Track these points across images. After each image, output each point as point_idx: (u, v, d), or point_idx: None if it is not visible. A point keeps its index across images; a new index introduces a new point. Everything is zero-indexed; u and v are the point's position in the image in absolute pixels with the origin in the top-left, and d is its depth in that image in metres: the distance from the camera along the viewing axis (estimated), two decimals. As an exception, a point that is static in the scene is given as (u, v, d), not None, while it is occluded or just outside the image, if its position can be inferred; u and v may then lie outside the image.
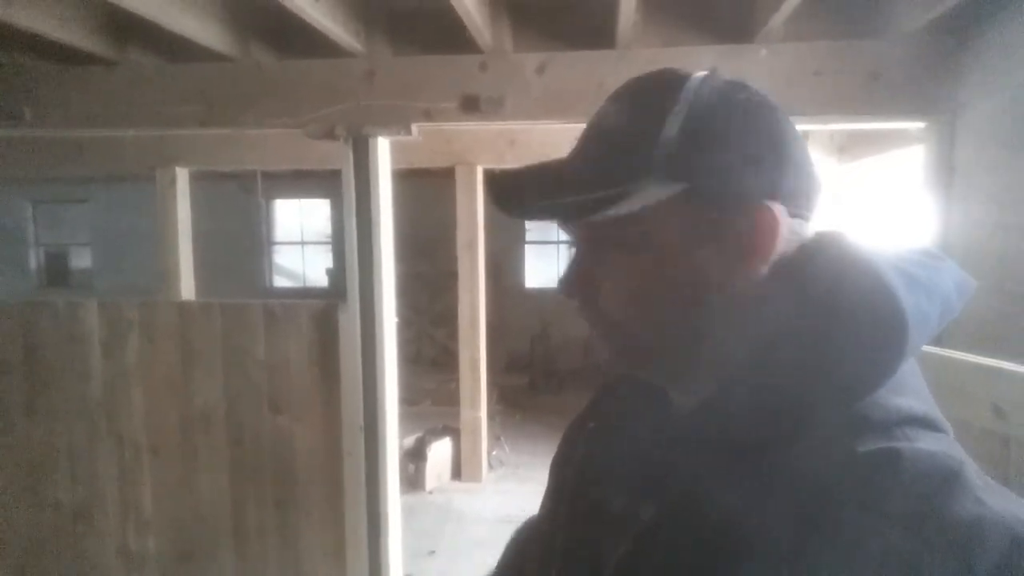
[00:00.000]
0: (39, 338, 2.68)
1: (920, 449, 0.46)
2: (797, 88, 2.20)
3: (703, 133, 0.52)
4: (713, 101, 0.54)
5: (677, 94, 0.53)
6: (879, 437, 0.47)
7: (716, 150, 0.53)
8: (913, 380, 0.52)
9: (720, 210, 0.53)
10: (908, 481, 0.44)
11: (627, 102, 0.56)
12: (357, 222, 2.44)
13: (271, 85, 2.39)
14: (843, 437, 0.47)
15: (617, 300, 0.56)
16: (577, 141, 0.59)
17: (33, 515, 2.74)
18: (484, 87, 2.30)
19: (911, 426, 0.49)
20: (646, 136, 0.52)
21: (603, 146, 0.56)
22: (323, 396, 2.56)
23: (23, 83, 2.48)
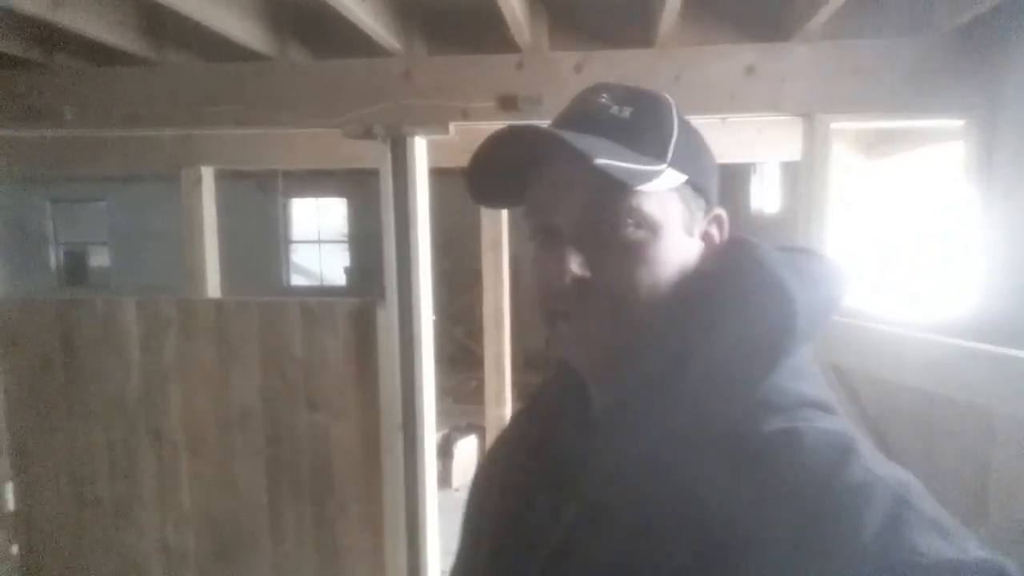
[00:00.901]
0: (78, 335, 2.71)
1: (817, 428, 0.51)
2: (836, 86, 2.20)
3: (690, 139, 0.63)
4: (684, 118, 0.64)
5: (670, 107, 0.63)
6: (781, 418, 0.52)
7: (699, 156, 0.63)
8: (809, 369, 0.58)
9: (705, 204, 0.63)
10: (808, 455, 0.49)
11: (636, 104, 0.61)
12: (395, 221, 2.45)
13: (308, 84, 2.41)
14: (748, 419, 0.52)
15: (622, 276, 0.58)
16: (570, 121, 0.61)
17: (75, 511, 2.77)
18: (521, 86, 2.31)
19: (809, 408, 0.54)
20: (662, 132, 0.60)
21: (627, 132, 0.59)
22: (360, 394, 2.58)
23: (63, 84, 2.51)
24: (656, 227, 0.58)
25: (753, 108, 2.24)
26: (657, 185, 0.57)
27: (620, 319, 0.58)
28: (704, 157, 0.64)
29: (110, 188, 7.85)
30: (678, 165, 0.59)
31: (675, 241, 0.59)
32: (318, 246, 8.57)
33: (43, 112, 2.50)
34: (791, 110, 2.25)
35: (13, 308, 2.75)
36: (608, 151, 0.55)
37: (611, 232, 0.58)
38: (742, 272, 0.58)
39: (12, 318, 2.74)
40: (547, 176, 0.61)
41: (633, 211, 0.57)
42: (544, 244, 0.61)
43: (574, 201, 0.58)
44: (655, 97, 0.64)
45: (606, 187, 0.55)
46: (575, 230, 0.58)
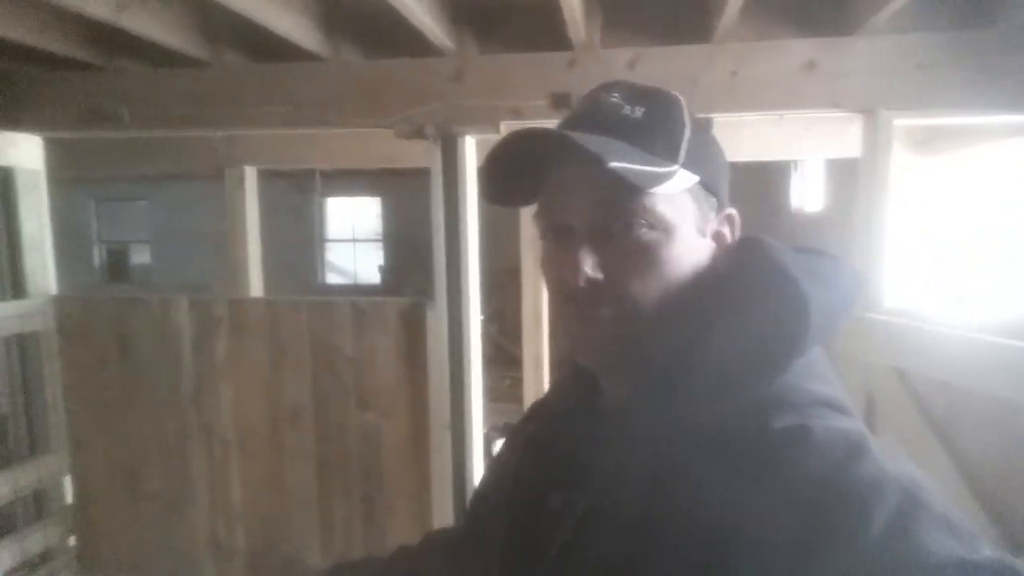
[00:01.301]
0: (133, 334, 2.76)
1: (829, 425, 0.52)
2: (899, 82, 2.14)
3: (702, 139, 0.63)
4: (697, 117, 0.64)
5: (682, 106, 0.64)
6: (793, 415, 0.53)
7: (712, 157, 0.64)
8: (823, 369, 0.59)
9: (717, 204, 0.64)
10: (817, 452, 0.50)
11: (649, 103, 0.62)
12: (445, 221, 2.45)
13: (359, 85, 2.41)
14: (759, 415, 0.53)
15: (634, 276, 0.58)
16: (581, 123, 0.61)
17: (129, 505, 2.83)
18: (574, 84, 2.29)
19: (821, 407, 0.55)
20: (674, 132, 0.61)
21: (639, 134, 0.59)
22: (409, 393, 2.58)
23: (120, 86, 2.55)
24: (669, 228, 0.58)
25: (813, 104, 2.19)
26: (669, 187, 0.57)
27: (632, 319, 0.58)
28: (716, 157, 0.65)
29: (151, 188, 8.03)
30: (690, 166, 0.60)
31: (687, 241, 0.60)
32: (352, 245, 8.66)
33: (101, 114, 2.55)
34: (852, 106, 2.19)
35: (72, 306, 2.81)
36: (620, 153, 0.55)
37: (623, 233, 0.58)
38: (755, 270, 0.59)
39: (71, 316, 2.80)
40: (560, 176, 0.61)
41: (646, 212, 0.57)
42: (556, 244, 0.62)
43: (586, 202, 0.59)
44: (667, 96, 0.64)
45: (618, 188, 0.55)
46: (587, 231, 0.59)
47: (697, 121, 0.63)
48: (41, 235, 2.79)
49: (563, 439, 0.67)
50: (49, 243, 2.83)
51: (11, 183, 2.68)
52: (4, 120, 2.58)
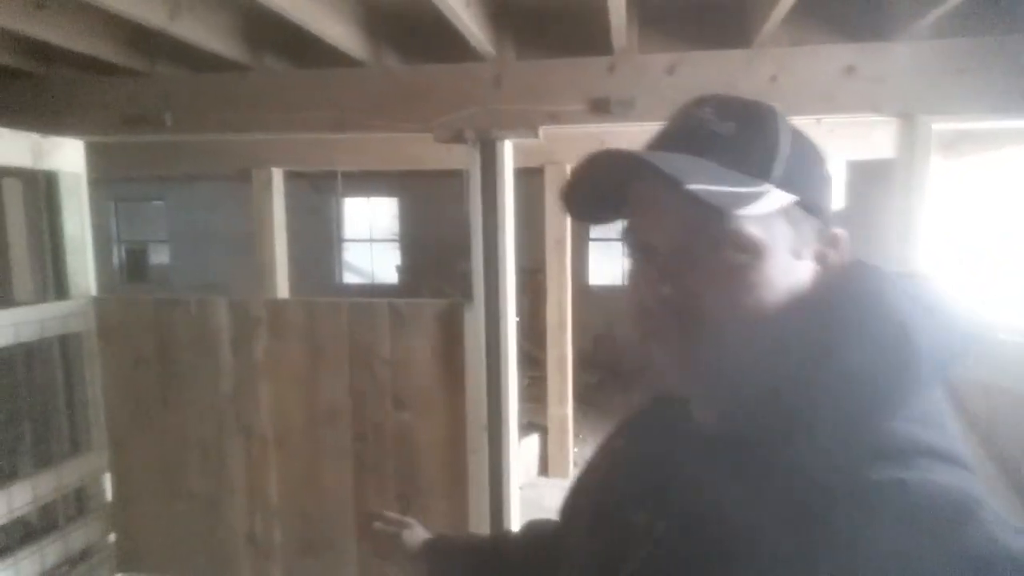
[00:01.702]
0: (172, 334, 2.80)
1: (933, 481, 0.46)
2: (940, 87, 2.16)
3: (802, 155, 0.59)
4: (798, 131, 0.60)
5: (778, 119, 0.60)
6: (892, 466, 0.47)
7: (812, 173, 0.60)
8: (936, 413, 0.53)
9: (819, 224, 0.59)
10: (919, 513, 0.44)
11: (740, 118, 0.59)
12: (483, 223, 2.48)
13: (400, 89, 2.45)
14: (855, 464, 0.48)
15: (719, 301, 0.55)
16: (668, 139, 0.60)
17: (168, 503, 2.87)
18: (613, 89, 2.32)
19: (928, 458, 0.49)
20: (768, 148, 0.57)
21: (729, 151, 0.56)
22: (446, 394, 2.61)
23: (164, 90, 2.60)
24: (758, 251, 0.55)
25: (852, 109, 2.21)
26: (759, 208, 0.53)
27: (716, 345, 0.56)
28: (817, 174, 0.61)
29: (169, 188, 8.10)
30: (785, 184, 0.56)
31: (780, 265, 0.56)
32: (370, 245, 8.72)
33: (145, 118, 2.60)
34: (892, 111, 2.21)
35: (112, 307, 2.86)
36: (704, 174, 0.53)
37: (708, 256, 0.55)
38: (859, 304, 0.54)
39: (111, 317, 2.85)
40: (644, 195, 0.59)
41: (732, 234, 0.54)
42: (640, 263, 0.60)
43: (670, 223, 0.57)
44: (762, 109, 0.60)
45: (703, 209, 0.52)
46: (671, 252, 0.57)
47: (797, 136, 0.59)
48: (82, 237, 2.84)
49: (650, 457, 0.66)
50: (90, 245, 2.88)
51: (54, 186, 2.73)
52: (48, 124, 2.64)
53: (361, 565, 2.77)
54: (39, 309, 2.64)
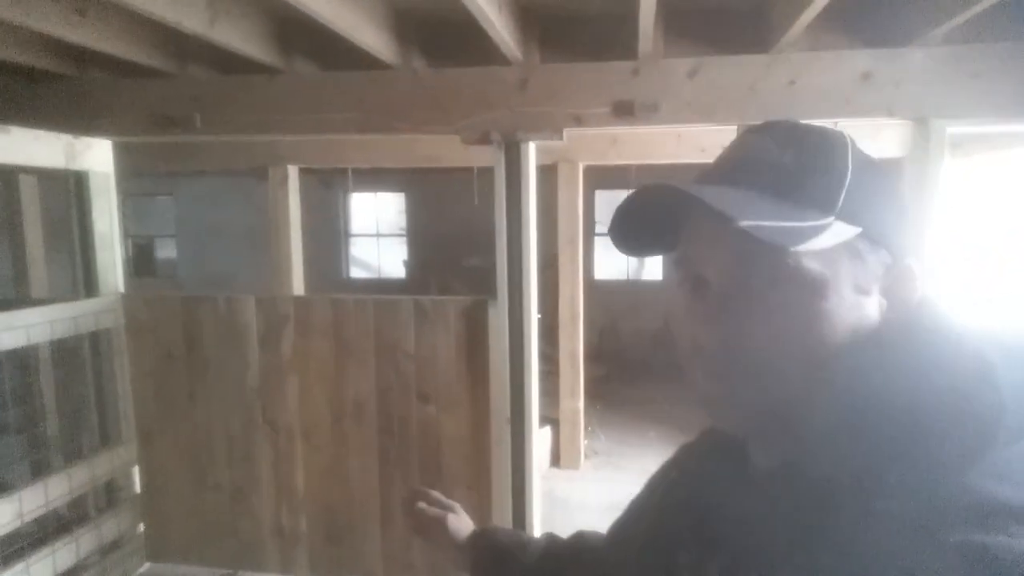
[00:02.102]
0: (200, 330, 2.87)
1: (1019, 549, 0.41)
2: (954, 91, 2.22)
3: (871, 185, 0.55)
4: (868, 157, 0.57)
5: (844, 145, 0.56)
6: (972, 528, 0.43)
7: (881, 202, 0.56)
8: (1022, 468, 0.47)
9: (887, 259, 0.55)
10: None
11: (800, 147, 0.56)
12: (507, 222, 2.55)
13: (427, 92, 2.51)
14: (930, 523, 0.44)
15: (773, 338, 0.53)
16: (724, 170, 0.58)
17: (196, 494, 2.95)
18: (636, 92, 2.38)
19: (1013, 520, 0.44)
20: (830, 179, 0.54)
21: (787, 182, 0.54)
22: (470, 387, 2.69)
23: (194, 92, 2.65)
24: (817, 287, 0.52)
25: (868, 113, 2.28)
26: (820, 242, 0.51)
27: (771, 384, 0.53)
28: (888, 203, 0.57)
29: (177, 183, 8.14)
30: (849, 216, 0.53)
31: (842, 301, 0.52)
32: (376, 240, 8.77)
33: (174, 119, 2.65)
34: (907, 115, 2.28)
35: (139, 304, 2.92)
36: (759, 208, 0.51)
37: (763, 291, 0.53)
38: (935, 344, 0.51)
39: (138, 313, 2.91)
40: (697, 227, 0.57)
41: (790, 269, 0.52)
42: (693, 296, 0.58)
43: (723, 257, 0.55)
44: (825, 137, 0.57)
45: (757, 244, 0.49)
46: (724, 286, 0.55)
47: (864, 163, 0.56)
48: (111, 235, 2.89)
49: (703, 495, 0.64)
50: (118, 243, 2.94)
51: (84, 186, 2.79)
52: (81, 125, 2.69)
53: (385, 555, 2.86)
54: (72, 306, 2.71)
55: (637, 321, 7.33)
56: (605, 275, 8.06)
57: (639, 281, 8.23)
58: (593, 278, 8.13)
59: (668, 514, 0.67)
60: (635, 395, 6.23)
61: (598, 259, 8.03)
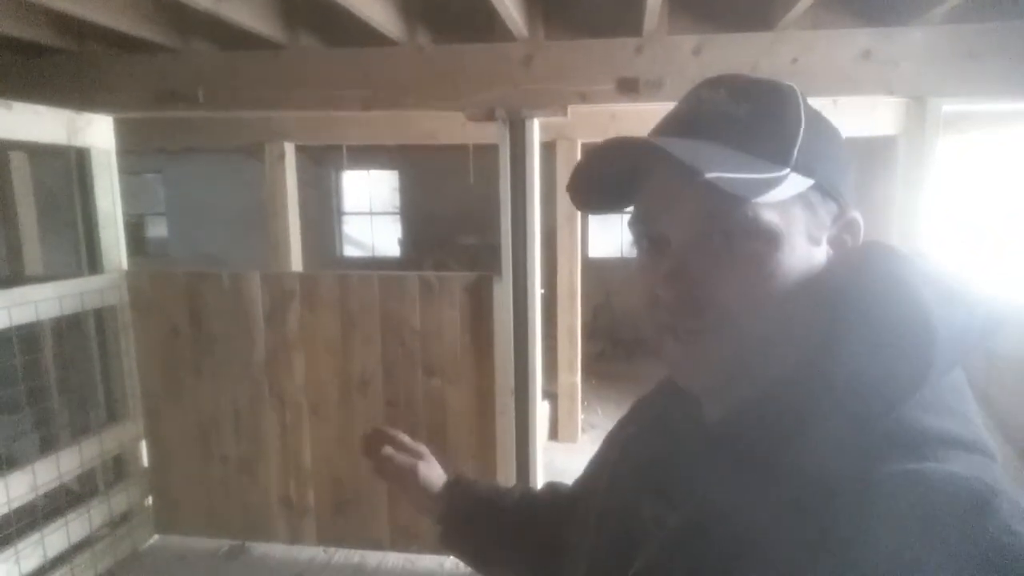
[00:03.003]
0: (205, 306, 2.89)
1: (948, 471, 0.44)
2: (952, 70, 2.27)
3: (820, 137, 0.56)
4: (816, 111, 0.58)
5: (796, 98, 0.57)
6: (904, 457, 0.45)
7: (831, 156, 0.56)
8: (953, 399, 0.51)
9: (837, 208, 0.56)
10: (930, 505, 0.42)
11: (755, 100, 0.56)
12: (512, 199, 2.58)
13: (432, 69, 2.52)
14: (865, 456, 0.46)
15: (736, 291, 0.53)
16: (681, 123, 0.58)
17: (203, 467, 3.00)
18: (641, 69, 2.40)
19: (943, 446, 0.47)
20: (785, 131, 0.55)
21: (744, 135, 0.54)
22: (475, 361, 2.74)
23: (196, 67, 2.64)
24: (774, 238, 0.53)
25: (867, 91, 2.32)
26: (777, 194, 0.51)
27: (733, 338, 0.54)
28: (836, 157, 0.57)
29: (166, 161, 8.05)
30: (803, 168, 0.53)
31: (797, 252, 0.54)
32: (370, 218, 8.75)
33: (176, 95, 2.64)
34: (905, 93, 2.33)
35: (143, 281, 2.94)
36: (719, 161, 0.50)
37: (723, 245, 0.53)
38: (875, 288, 0.52)
39: (143, 290, 2.93)
40: (655, 184, 0.57)
41: (749, 222, 0.52)
42: (651, 254, 0.58)
43: (684, 212, 0.54)
44: (777, 89, 0.57)
45: (718, 198, 0.50)
46: (684, 242, 0.55)
47: (814, 116, 0.57)
48: (114, 212, 2.89)
49: (661, 448, 0.64)
50: (120, 220, 2.94)
51: (87, 163, 2.78)
52: (81, 101, 2.67)
53: (392, 525, 2.93)
54: (77, 283, 2.72)
55: (631, 298, 7.41)
56: (599, 253, 8.11)
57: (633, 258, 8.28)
58: (587, 255, 8.18)
59: (628, 469, 0.67)
60: (629, 371, 6.33)
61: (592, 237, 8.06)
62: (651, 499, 0.61)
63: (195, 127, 4.34)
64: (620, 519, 0.64)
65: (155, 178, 8.52)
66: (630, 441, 0.70)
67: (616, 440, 0.75)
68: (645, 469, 0.64)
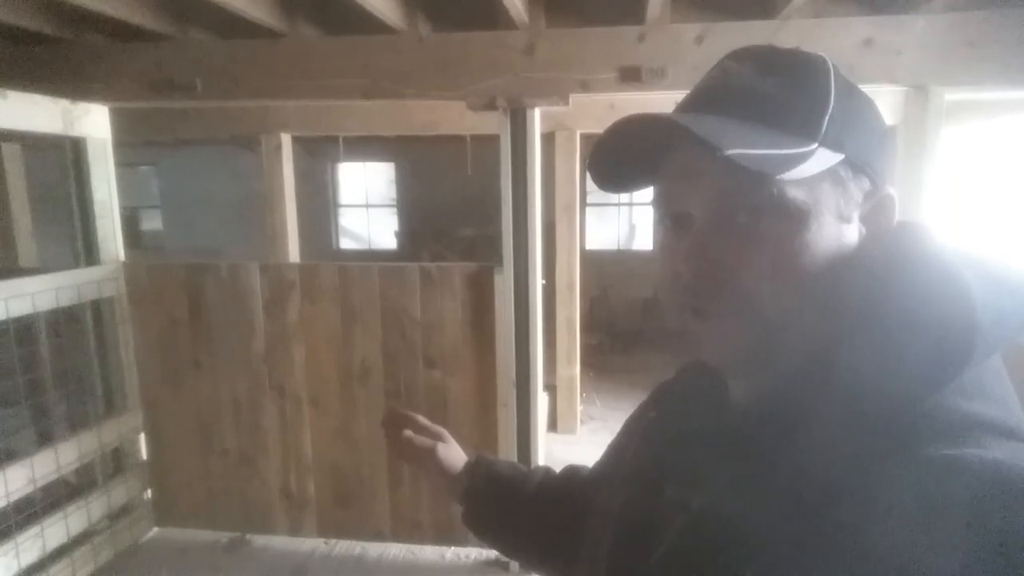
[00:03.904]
0: (204, 298, 2.88)
1: (988, 457, 0.43)
2: (953, 58, 2.27)
3: (853, 111, 0.54)
4: (849, 83, 0.55)
5: (827, 70, 0.54)
6: (943, 443, 0.44)
7: (863, 128, 0.55)
8: (993, 384, 0.49)
9: (869, 184, 0.55)
10: (970, 492, 0.41)
11: (782, 72, 0.54)
12: (513, 188, 2.57)
13: (433, 57, 2.50)
14: (901, 442, 0.45)
15: (760, 271, 0.52)
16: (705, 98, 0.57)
17: (203, 460, 2.99)
18: (643, 57, 2.39)
19: (982, 433, 0.45)
20: (814, 104, 0.53)
21: (770, 109, 0.53)
22: (476, 352, 2.74)
23: (195, 56, 2.61)
24: (802, 216, 0.51)
25: (870, 80, 2.31)
26: (804, 170, 0.50)
27: (759, 318, 0.52)
28: (870, 129, 0.55)
29: (160, 153, 7.99)
30: (833, 143, 0.52)
31: (826, 230, 0.52)
32: (366, 210, 8.71)
33: (173, 84, 2.62)
34: (907, 81, 2.33)
35: (141, 272, 2.91)
36: (742, 137, 0.49)
37: (748, 223, 0.52)
38: (911, 267, 0.50)
39: (141, 281, 2.90)
40: (678, 161, 0.56)
41: (774, 199, 0.51)
42: (674, 232, 0.56)
43: (707, 189, 0.53)
44: (807, 61, 0.55)
45: (742, 174, 0.49)
46: (708, 220, 0.53)
47: (846, 88, 0.55)
48: (110, 203, 2.87)
49: (683, 432, 0.63)
50: (117, 211, 2.91)
51: (82, 153, 2.75)
52: (77, 90, 2.64)
53: (394, 515, 2.93)
54: (74, 274, 2.69)
55: (628, 290, 7.41)
56: (596, 245, 8.10)
57: (630, 251, 8.30)
58: (584, 248, 8.18)
59: (649, 453, 0.66)
60: (627, 363, 6.34)
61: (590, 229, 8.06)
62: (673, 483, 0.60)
63: (191, 118, 4.30)
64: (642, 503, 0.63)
65: (150, 170, 8.45)
66: (650, 425, 0.70)
67: (636, 426, 0.74)
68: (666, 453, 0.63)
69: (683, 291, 0.55)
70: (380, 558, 2.90)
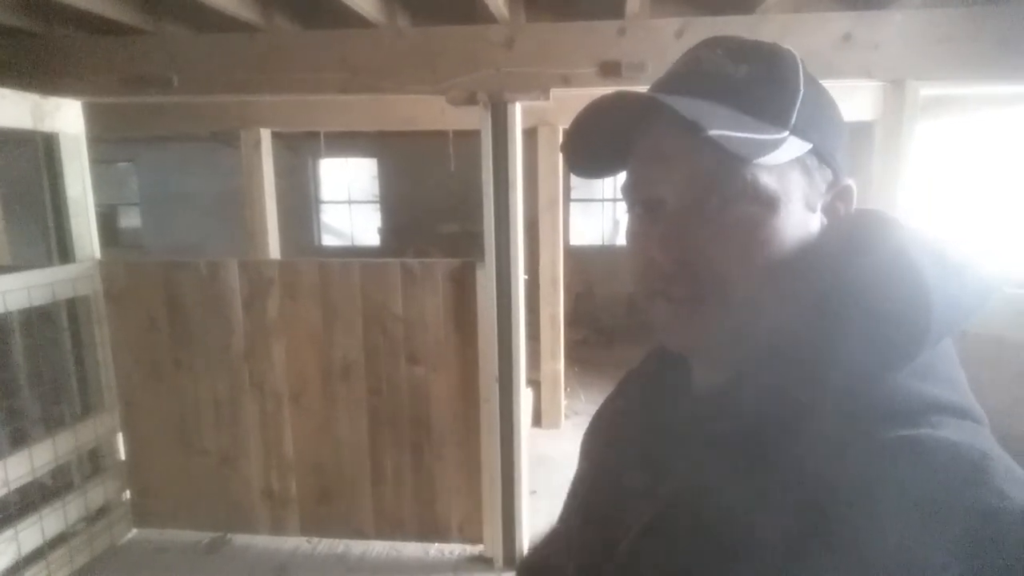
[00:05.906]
0: (182, 296, 2.83)
1: (942, 438, 0.45)
2: (929, 53, 2.29)
3: (818, 102, 0.56)
4: (813, 76, 0.57)
5: (796, 62, 0.56)
6: (900, 425, 0.46)
7: (828, 121, 0.56)
8: (944, 367, 0.51)
9: (832, 175, 0.56)
10: (927, 471, 0.43)
11: (754, 61, 0.55)
12: (494, 184, 2.56)
13: (412, 52, 2.47)
14: (860, 425, 0.46)
15: (732, 257, 0.52)
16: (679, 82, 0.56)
17: (182, 459, 2.95)
18: (623, 52, 2.39)
19: (936, 414, 0.47)
20: (785, 94, 0.54)
21: (743, 96, 0.53)
22: (458, 347, 2.73)
23: (170, 50, 2.57)
24: (772, 203, 0.52)
25: (848, 75, 2.33)
26: (777, 157, 0.51)
27: (728, 304, 0.53)
28: (832, 121, 0.57)
29: (138, 150, 7.87)
30: (802, 132, 0.53)
31: (794, 217, 0.53)
32: (348, 206, 8.64)
33: (148, 79, 2.57)
34: (884, 76, 2.34)
35: (118, 270, 2.87)
36: (722, 119, 0.50)
37: (721, 209, 0.52)
38: (870, 254, 0.51)
39: (117, 279, 2.86)
40: (652, 144, 0.55)
41: (747, 185, 0.51)
42: (645, 218, 0.56)
43: (681, 173, 0.53)
44: (777, 52, 0.56)
45: (717, 159, 0.50)
46: (681, 205, 0.53)
47: (812, 80, 0.56)
48: (85, 200, 2.82)
49: (650, 419, 0.64)
50: (92, 208, 2.86)
51: (55, 149, 2.70)
52: (48, 85, 2.59)
53: (376, 513, 2.91)
54: (48, 273, 2.64)
55: (612, 286, 7.43)
56: (580, 241, 8.11)
57: (614, 246, 8.32)
58: (569, 243, 8.19)
59: (617, 441, 0.66)
60: (611, 358, 6.36)
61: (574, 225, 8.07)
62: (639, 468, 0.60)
63: (169, 114, 4.24)
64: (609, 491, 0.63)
65: (128, 167, 8.33)
66: (618, 414, 0.70)
67: (605, 415, 0.74)
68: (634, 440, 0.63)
69: (655, 277, 0.55)
70: (363, 556, 2.88)
